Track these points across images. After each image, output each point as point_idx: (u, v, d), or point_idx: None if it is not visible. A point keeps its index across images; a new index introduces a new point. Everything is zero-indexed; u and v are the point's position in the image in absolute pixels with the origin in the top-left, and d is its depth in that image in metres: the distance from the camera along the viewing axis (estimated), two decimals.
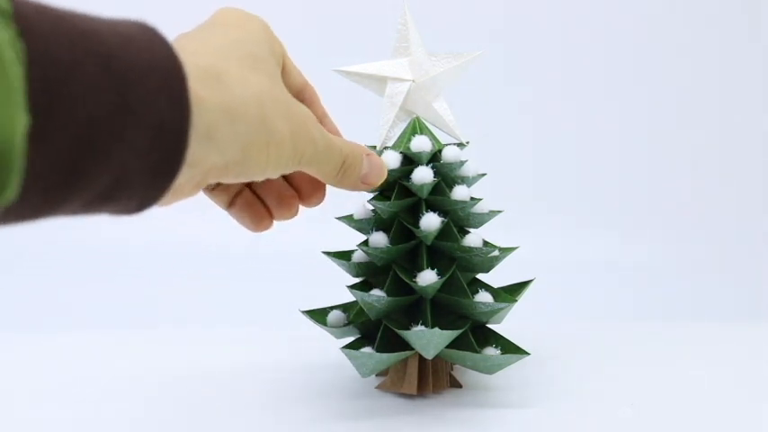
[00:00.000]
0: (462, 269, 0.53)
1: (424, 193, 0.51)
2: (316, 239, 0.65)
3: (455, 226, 0.53)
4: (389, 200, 0.52)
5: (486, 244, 0.54)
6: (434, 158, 0.53)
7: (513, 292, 0.57)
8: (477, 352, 0.51)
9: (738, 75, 1.23)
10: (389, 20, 0.55)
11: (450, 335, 0.48)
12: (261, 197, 0.43)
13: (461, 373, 0.58)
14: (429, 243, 0.51)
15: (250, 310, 0.86)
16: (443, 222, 0.51)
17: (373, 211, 0.54)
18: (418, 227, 0.51)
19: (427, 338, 0.47)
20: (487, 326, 0.55)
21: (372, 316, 0.51)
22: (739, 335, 0.70)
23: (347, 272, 0.55)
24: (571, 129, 1.22)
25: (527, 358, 0.51)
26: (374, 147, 0.53)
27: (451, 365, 0.57)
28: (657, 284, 1.02)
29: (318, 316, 0.56)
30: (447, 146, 0.53)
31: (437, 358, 0.53)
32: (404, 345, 0.50)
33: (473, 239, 0.53)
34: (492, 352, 0.52)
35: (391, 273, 0.52)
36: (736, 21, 1.23)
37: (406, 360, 0.54)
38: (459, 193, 0.52)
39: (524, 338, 0.53)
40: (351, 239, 0.56)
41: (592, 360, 0.61)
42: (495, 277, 0.55)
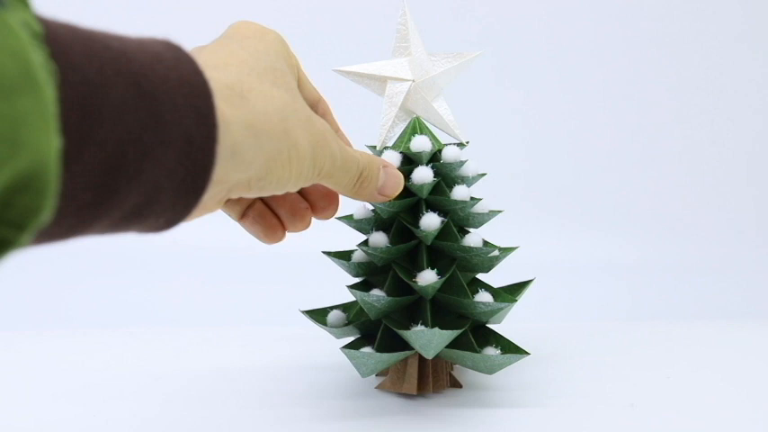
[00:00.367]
0: (462, 269, 0.53)
1: (424, 193, 0.51)
2: (316, 239, 0.65)
3: (455, 226, 0.53)
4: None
5: (486, 244, 0.54)
6: (434, 158, 0.53)
7: (513, 292, 0.57)
8: (477, 352, 0.51)
9: (738, 75, 1.23)
10: (389, 20, 0.55)
11: (450, 335, 0.48)
12: (273, 209, 0.43)
13: (461, 373, 0.58)
14: (429, 243, 0.51)
15: (250, 309, 0.86)
16: (443, 222, 0.51)
17: (373, 211, 0.54)
18: (418, 227, 0.51)
19: (427, 338, 0.47)
20: (487, 326, 0.55)
21: (372, 316, 0.51)
22: (739, 335, 0.70)
23: (347, 272, 0.55)
24: (571, 129, 1.22)
25: (527, 358, 0.51)
26: (374, 147, 0.53)
27: (451, 365, 0.57)
28: (657, 284, 1.02)
29: (318, 316, 0.56)
30: (447, 146, 0.53)
31: (437, 358, 0.53)
32: (404, 345, 0.50)
33: (473, 239, 0.53)
34: (492, 352, 0.52)
35: (391, 273, 0.52)
36: (734, 20, 1.23)
37: (406, 360, 0.54)
38: (459, 193, 0.52)
39: (524, 338, 0.53)
40: (351, 239, 0.56)
41: (592, 360, 0.61)
42: (495, 277, 0.56)
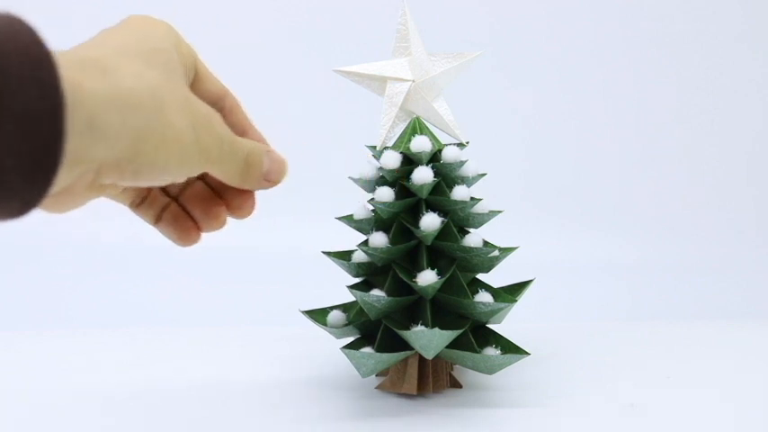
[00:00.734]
0: (462, 269, 0.53)
1: (423, 193, 0.51)
2: (316, 239, 0.65)
3: (455, 226, 0.53)
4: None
5: (486, 244, 0.54)
6: (434, 158, 0.53)
7: (513, 292, 0.57)
8: (477, 352, 0.51)
9: (738, 75, 1.23)
10: (389, 20, 0.55)
11: (451, 335, 0.48)
12: (188, 210, 0.42)
13: (461, 373, 0.58)
14: (429, 243, 0.51)
15: (250, 309, 0.86)
16: (443, 222, 0.51)
17: (373, 211, 0.54)
18: (418, 227, 0.51)
19: (427, 338, 0.47)
20: (487, 326, 0.55)
21: (372, 316, 0.51)
22: (739, 335, 0.70)
23: (347, 272, 0.55)
24: (571, 129, 1.22)
25: (527, 358, 0.51)
26: (374, 147, 0.53)
27: (451, 365, 0.57)
28: (657, 284, 1.02)
29: (318, 316, 0.56)
30: (447, 146, 0.53)
31: (437, 358, 0.53)
32: (404, 345, 0.50)
33: (473, 239, 0.53)
34: (492, 352, 0.52)
35: (391, 273, 0.52)
36: (734, 20, 1.23)
37: (406, 360, 0.54)
38: (459, 193, 0.52)
39: (524, 338, 0.53)
40: (351, 239, 0.56)
41: (592, 360, 0.61)
42: (495, 277, 0.56)
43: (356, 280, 0.56)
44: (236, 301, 0.90)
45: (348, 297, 0.55)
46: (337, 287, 0.56)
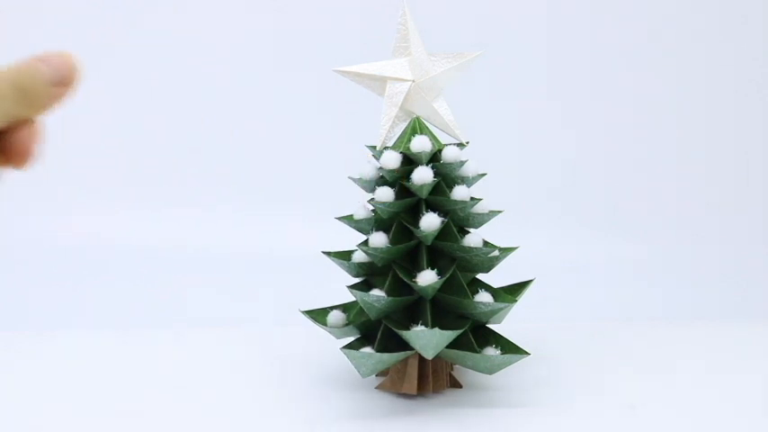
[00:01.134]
0: (462, 269, 0.53)
1: (423, 193, 0.51)
2: (316, 239, 0.65)
3: (455, 226, 0.53)
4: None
5: (486, 244, 0.54)
6: (434, 158, 0.53)
7: (513, 292, 0.57)
8: (477, 352, 0.51)
9: (738, 75, 1.23)
10: (389, 20, 0.55)
11: (451, 335, 0.48)
12: None
13: (461, 373, 0.58)
14: (429, 243, 0.51)
15: (250, 309, 0.86)
16: (443, 222, 0.51)
17: (373, 211, 0.54)
18: (418, 227, 0.51)
19: (427, 338, 0.47)
20: (487, 326, 0.55)
21: (372, 316, 0.51)
22: (739, 335, 0.70)
23: (347, 272, 0.55)
24: (571, 129, 1.22)
25: (527, 358, 0.51)
26: (374, 147, 0.53)
27: (451, 365, 0.57)
28: (658, 284, 1.01)
29: (318, 316, 0.56)
30: (447, 146, 0.53)
31: (437, 358, 0.53)
32: (404, 345, 0.50)
33: (473, 239, 0.53)
34: (492, 352, 0.52)
35: (391, 273, 0.52)
36: (734, 20, 1.23)
37: (406, 360, 0.54)
38: (459, 193, 0.52)
39: (524, 338, 0.53)
40: (351, 239, 0.56)
41: (592, 360, 0.61)
42: (495, 277, 0.56)
43: (356, 280, 0.56)
44: (237, 301, 0.90)
45: (348, 297, 0.55)
46: (337, 287, 0.56)
